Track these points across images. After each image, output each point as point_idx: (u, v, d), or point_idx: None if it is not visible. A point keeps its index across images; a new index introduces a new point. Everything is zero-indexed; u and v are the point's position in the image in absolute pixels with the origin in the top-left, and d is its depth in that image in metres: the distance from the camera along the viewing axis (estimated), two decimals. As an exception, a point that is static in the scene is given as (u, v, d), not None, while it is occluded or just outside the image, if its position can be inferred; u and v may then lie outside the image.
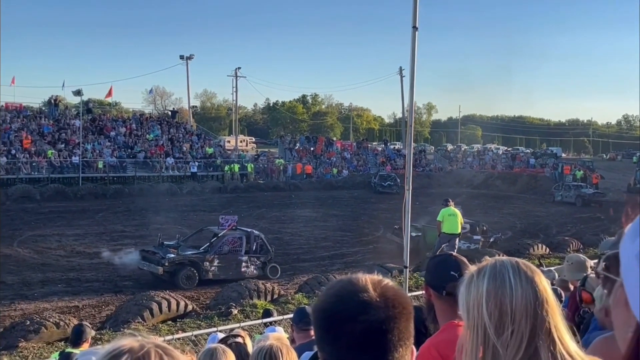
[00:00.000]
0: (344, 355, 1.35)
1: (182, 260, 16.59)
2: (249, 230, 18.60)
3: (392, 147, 66.09)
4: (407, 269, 9.38)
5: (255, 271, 17.59)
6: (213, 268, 17.02)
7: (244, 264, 17.59)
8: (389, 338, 1.35)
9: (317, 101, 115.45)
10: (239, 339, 3.83)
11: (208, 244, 17.51)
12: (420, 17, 8.83)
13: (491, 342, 1.47)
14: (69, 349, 6.02)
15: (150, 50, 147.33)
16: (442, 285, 2.64)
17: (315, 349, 4.09)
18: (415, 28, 8.81)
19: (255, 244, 18.01)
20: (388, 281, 1.44)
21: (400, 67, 67.95)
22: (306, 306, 5.83)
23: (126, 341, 1.15)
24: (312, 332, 4.54)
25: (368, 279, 1.41)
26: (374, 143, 77.36)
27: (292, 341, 4.60)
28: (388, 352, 1.35)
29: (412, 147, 9.20)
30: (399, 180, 41.30)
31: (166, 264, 16.14)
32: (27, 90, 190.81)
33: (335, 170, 49.68)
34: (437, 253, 15.26)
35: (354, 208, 34.04)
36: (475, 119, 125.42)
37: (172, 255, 16.48)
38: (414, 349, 1.43)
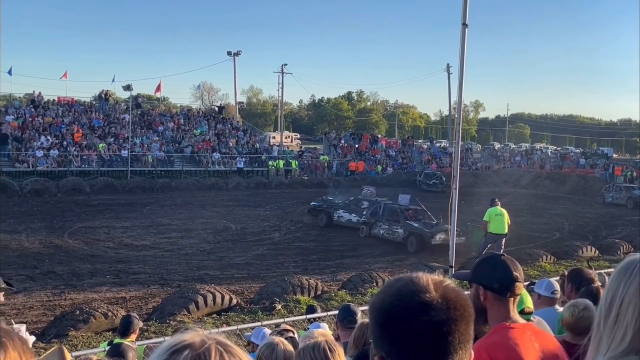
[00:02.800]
0: (402, 354, 1.33)
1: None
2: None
3: (437, 145, 65.54)
4: (453, 269, 9.27)
5: None
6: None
7: None
8: (450, 340, 1.32)
9: (362, 98, 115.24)
10: (291, 334, 3.86)
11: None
12: (469, 13, 8.72)
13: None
14: (117, 339, 6.14)
15: (198, 46, 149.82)
16: (506, 287, 2.58)
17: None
18: (465, 25, 8.71)
19: None
20: (449, 282, 1.40)
21: (448, 64, 67.36)
22: (351, 303, 5.82)
23: (187, 336, 1.13)
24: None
25: (429, 279, 1.38)
26: (419, 141, 76.88)
27: (337, 338, 4.58)
28: (448, 354, 1.32)
29: (459, 145, 9.09)
30: (444, 179, 40.89)
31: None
32: (78, 84, 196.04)
33: (379, 168, 49.47)
34: (483, 253, 15.07)
35: (398, 206, 33.75)
36: (524, 118, 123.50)
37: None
38: (472, 352, 1.39)
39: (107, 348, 6.36)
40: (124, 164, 38.19)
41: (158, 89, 53.41)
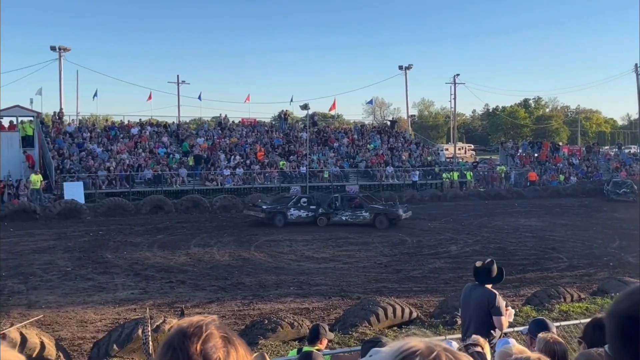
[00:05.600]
0: None
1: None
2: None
3: (626, 151, 60.71)
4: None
5: None
6: None
7: None
8: None
9: (540, 105, 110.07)
10: (479, 348, 3.77)
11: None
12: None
13: None
14: (306, 347, 6.37)
15: (370, 62, 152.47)
16: None
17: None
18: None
19: None
20: None
21: (636, 64, 62.41)
22: (544, 318, 5.57)
23: (413, 342, 1.13)
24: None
25: None
26: (605, 147, 71.82)
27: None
28: None
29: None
30: (635, 187, 37.97)
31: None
32: (260, 106, 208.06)
33: (562, 177, 46.88)
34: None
35: (584, 217, 31.75)
36: None
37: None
38: None
39: (296, 356, 6.61)
40: (303, 179, 39.73)
41: (333, 106, 55.01)
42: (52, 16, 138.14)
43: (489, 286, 6.88)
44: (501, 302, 6.75)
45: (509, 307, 7.13)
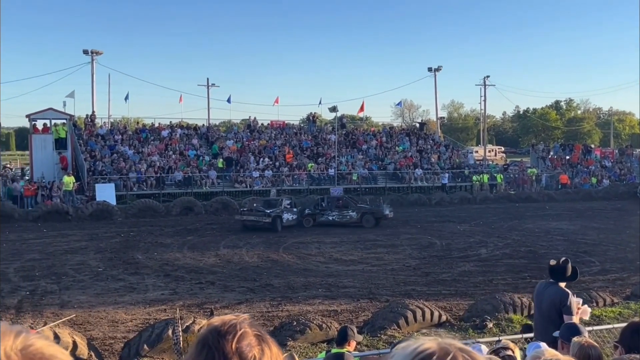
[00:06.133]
0: None
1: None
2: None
3: (661, 153, 59.50)
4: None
5: None
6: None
7: None
8: None
9: (572, 107, 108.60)
10: (509, 352, 3.73)
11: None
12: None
13: None
14: (335, 349, 6.38)
15: (398, 65, 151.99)
16: None
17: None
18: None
19: None
20: None
21: (671, 65, 61.21)
22: (575, 322, 5.52)
23: (426, 344, 1.10)
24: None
25: None
26: (639, 149, 70.49)
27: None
28: None
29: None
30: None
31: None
32: (288, 108, 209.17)
33: (594, 180, 46.18)
34: None
35: (617, 221, 31.21)
36: None
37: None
38: None
39: (325, 357, 6.61)
40: (331, 182, 39.74)
41: (361, 108, 54.92)
42: (85, 20, 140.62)
43: (563, 285, 6.91)
44: (573, 301, 6.78)
45: (585, 305, 7.16)
